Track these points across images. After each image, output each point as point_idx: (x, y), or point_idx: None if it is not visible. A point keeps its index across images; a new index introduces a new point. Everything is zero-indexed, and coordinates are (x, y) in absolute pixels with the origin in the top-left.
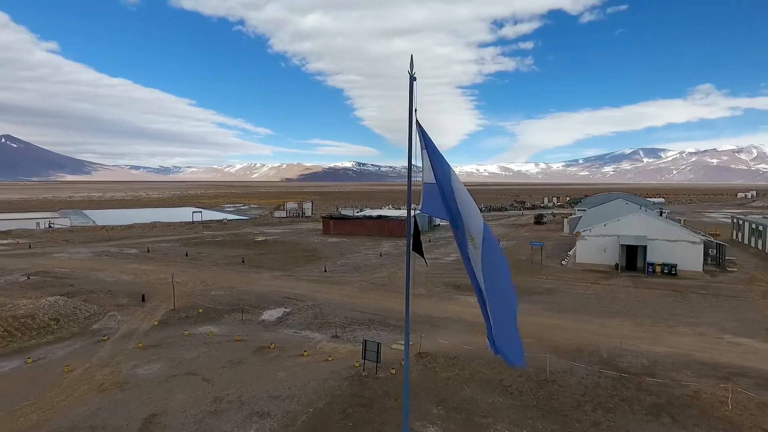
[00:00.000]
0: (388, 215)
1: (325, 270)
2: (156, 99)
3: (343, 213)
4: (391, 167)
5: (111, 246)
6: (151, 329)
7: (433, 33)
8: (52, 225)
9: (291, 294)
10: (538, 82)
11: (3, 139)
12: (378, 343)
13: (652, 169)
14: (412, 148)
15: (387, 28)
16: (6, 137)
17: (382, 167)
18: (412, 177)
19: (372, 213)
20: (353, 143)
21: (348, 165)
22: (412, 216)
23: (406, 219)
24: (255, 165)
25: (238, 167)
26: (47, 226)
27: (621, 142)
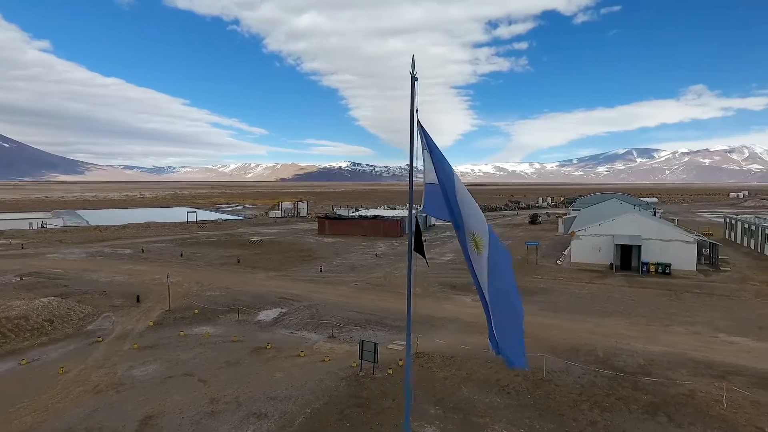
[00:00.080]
0: (383, 215)
1: (321, 270)
2: (150, 98)
3: (339, 213)
4: (386, 167)
5: (105, 246)
6: (147, 330)
7: (428, 33)
8: (45, 225)
9: (287, 294)
10: (532, 82)
11: None
12: (375, 344)
13: (645, 169)
14: (413, 148)
15: (382, 27)
16: None
17: (377, 167)
18: (413, 177)
19: (367, 213)
20: (348, 143)
21: (343, 165)
22: (412, 216)
23: (401, 219)
24: (249, 165)
25: (232, 167)
26: (40, 226)
27: (614, 142)
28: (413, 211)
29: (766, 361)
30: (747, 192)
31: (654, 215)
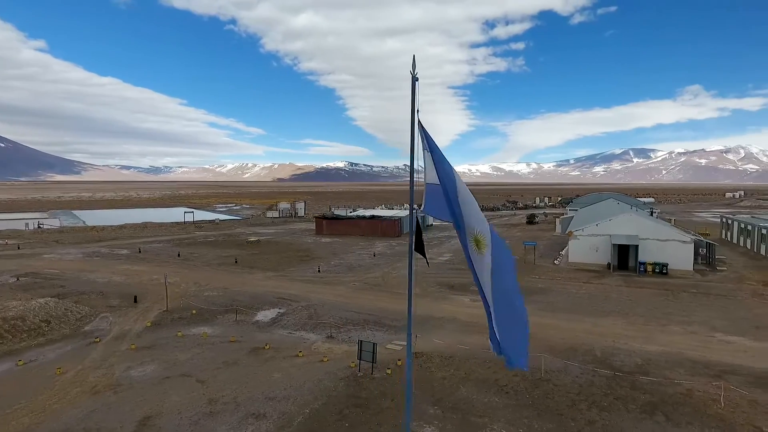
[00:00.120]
0: (381, 215)
1: (319, 270)
2: (146, 98)
3: (336, 213)
4: (384, 167)
5: (102, 247)
6: (144, 330)
7: (426, 33)
8: (41, 225)
9: (285, 294)
10: (529, 82)
11: None
12: (374, 344)
13: (641, 169)
14: (414, 148)
15: (379, 27)
16: None
17: (374, 167)
18: (413, 177)
19: (365, 213)
20: (345, 143)
21: (340, 165)
22: (413, 216)
23: (398, 219)
24: (247, 165)
25: (229, 167)
26: (36, 226)
27: (611, 142)
28: (414, 211)
29: (762, 361)
30: (743, 192)
31: (651, 215)
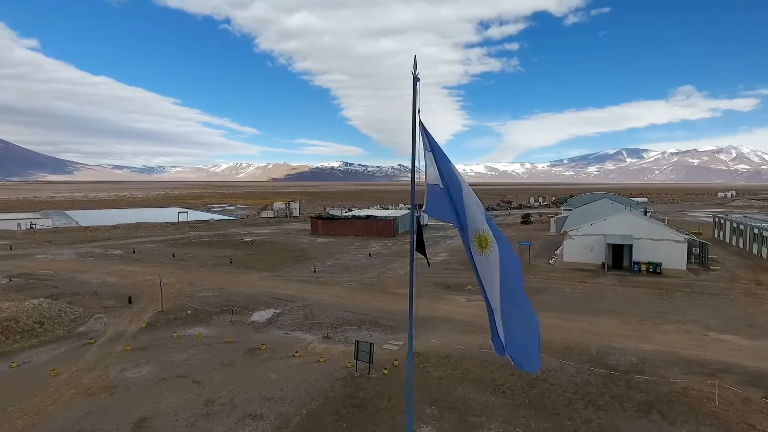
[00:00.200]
0: (376, 215)
1: (315, 270)
2: (140, 98)
3: (332, 213)
4: (378, 167)
5: (95, 247)
6: (139, 331)
7: (420, 33)
8: (33, 226)
9: (281, 295)
10: (523, 83)
11: None
12: (371, 344)
13: (635, 169)
14: (415, 148)
15: (373, 27)
16: None
17: (369, 167)
18: (414, 178)
19: (360, 213)
20: (340, 143)
21: (335, 165)
22: (411, 216)
23: (393, 219)
24: (241, 165)
25: (223, 167)
26: (29, 226)
27: (604, 142)
28: (415, 212)
29: (756, 359)
30: (735, 192)
31: (644, 215)
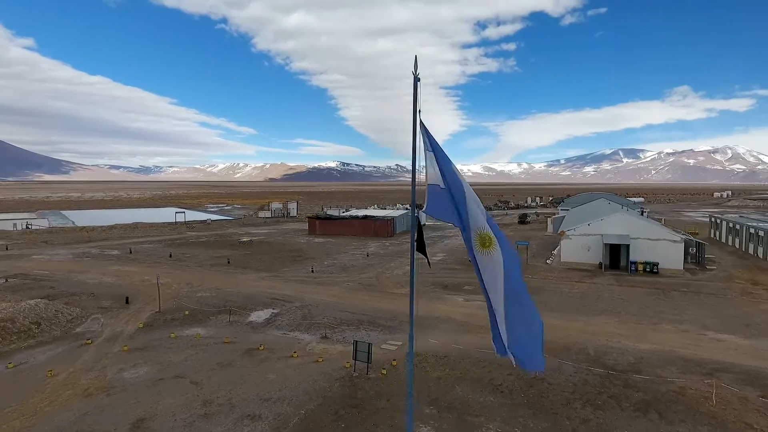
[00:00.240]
0: (374, 215)
1: (312, 270)
2: (136, 97)
3: (329, 213)
4: (376, 167)
5: (92, 247)
6: (137, 332)
7: (417, 33)
8: (29, 226)
9: (278, 295)
10: (520, 83)
11: None
12: (369, 344)
13: (631, 169)
14: (416, 148)
15: (371, 27)
16: None
17: (366, 167)
18: (415, 178)
19: (358, 213)
20: (337, 143)
21: (332, 165)
22: (411, 215)
23: (391, 219)
24: (238, 165)
25: (220, 167)
26: (25, 227)
27: (601, 142)
28: (415, 212)
29: (752, 358)
30: (730, 192)
31: (641, 215)
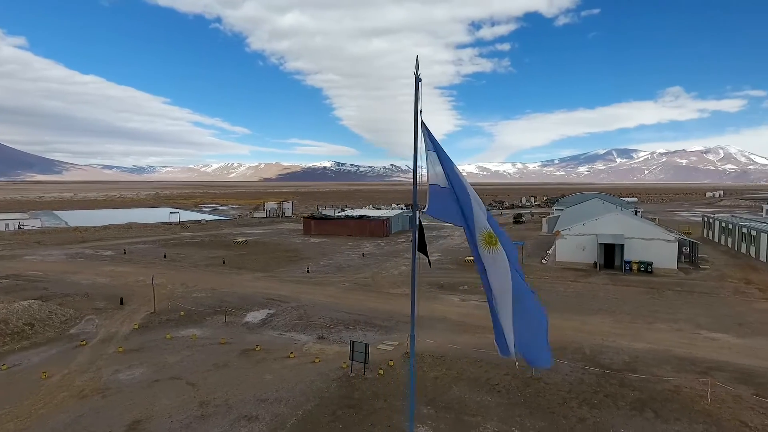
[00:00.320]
0: (369, 215)
1: (308, 271)
2: (130, 97)
3: (324, 213)
4: (370, 167)
5: (85, 248)
6: (132, 333)
7: (412, 34)
8: (22, 226)
9: (274, 295)
10: (514, 83)
11: None
12: (366, 344)
13: (624, 169)
14: (417, 148)
15: (366, 27)
16: None
17: (361, 167)
18: (416, 178)
19: (353, 213)
20: (332, 143)
21: (327, 165)
22: (413, 216)
23: (387, 219)
24: (232, 165)
25: (215, 167)
26: (17, 227)
27: (595, 142)
28: (416, 212)
29: (746, 357)
30: (722, 192)
31: (635, 215)
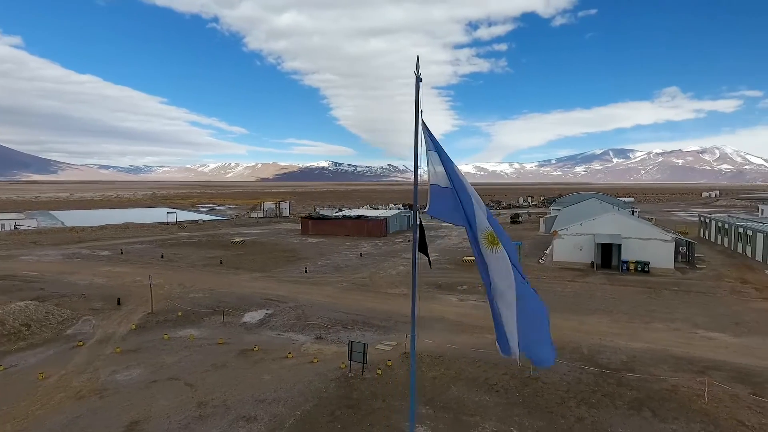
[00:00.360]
0: (367, 215)
1: (306, 271)
2: (126, 96)
3: (322, 213)
4: (368, 167)
5: (82, 248)
6: (129, 333)
7: (409, 34)
8: (18, 226)
9: (272, 295)
10: (511, 83)
11: None
12: (364, 344)
13: (621, 169)
14: (418, 148)
15: (363, 27)
16: None
17: (358, 167)
18: (417, 178)
19: (351, 213)
20: (329, 143)
21: (324, 165)
22: (414, 216)
23: (384, 219)
24: (229, 164)
25: (212, 167)
26: (13, 227)
27: (591, 142)
28: (417, 213)
29: (743, 356)
30: (718, 191)
31: (632, 214)
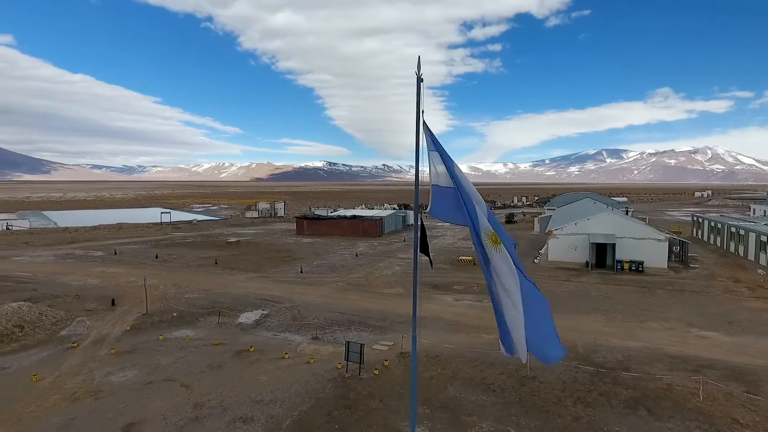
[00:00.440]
0: (362, 215)
1: (301, 271)
2: (119, 96)
3: (317, 213)
4: (362, 167)
5: (75, 248)
6: (124, 334)
7: (404, 34)
8: (9, 227)
9: (268, 296)
10: (505, 83)
11: None
12: (361, 345)
13: (614, 169)
14: (419, 148)
15: (358, 27)
16: None
17: (353, 167)
18: (418, 178)
19: (346, 213)
20: (324, 143)
21: (319, 165)
22: (414, 216)
23: (380, 219)
24: (224, 164)
25: (206, 167)
26: (5, 227)
27: (585, 142)
28: (418, 213)
29: (736, 355)
30: (711, 191)
31: (626, 214)
